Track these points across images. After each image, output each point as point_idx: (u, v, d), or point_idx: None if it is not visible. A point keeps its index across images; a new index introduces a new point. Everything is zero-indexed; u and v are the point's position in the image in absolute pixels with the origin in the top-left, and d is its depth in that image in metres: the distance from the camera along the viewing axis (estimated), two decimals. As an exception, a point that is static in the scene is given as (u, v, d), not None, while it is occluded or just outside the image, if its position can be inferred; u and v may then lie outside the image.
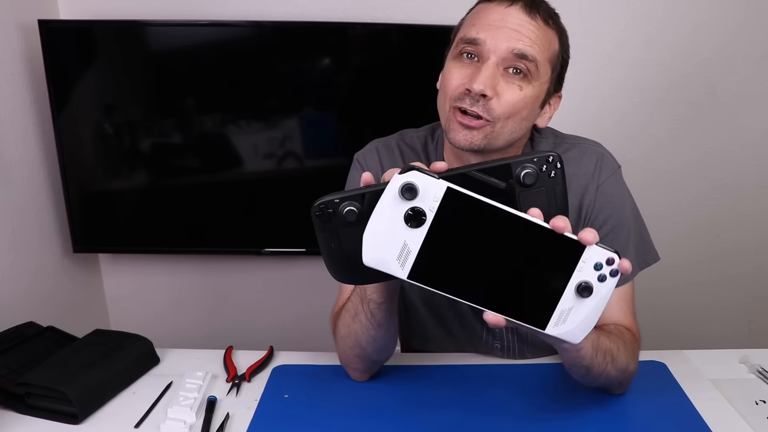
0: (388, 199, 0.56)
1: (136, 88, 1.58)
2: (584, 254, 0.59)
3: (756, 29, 1.58)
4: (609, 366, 0.82)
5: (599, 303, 0.60)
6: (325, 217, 0.62)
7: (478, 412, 0.90)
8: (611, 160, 0.97)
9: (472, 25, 0.85)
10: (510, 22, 0.82)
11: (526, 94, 0.84)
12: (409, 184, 0.56)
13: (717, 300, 1.82)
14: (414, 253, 0.57)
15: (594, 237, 0.58)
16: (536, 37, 0.83)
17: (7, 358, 0.98)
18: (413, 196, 0.56)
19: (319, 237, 0.63)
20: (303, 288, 1.82)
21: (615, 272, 0.59)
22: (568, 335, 0.62)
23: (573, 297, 0.60)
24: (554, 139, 0.98)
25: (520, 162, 0.62)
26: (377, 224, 0.57)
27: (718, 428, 0.86)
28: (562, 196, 0.63)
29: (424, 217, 0.56)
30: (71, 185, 1.59)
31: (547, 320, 0.61)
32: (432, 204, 0.56)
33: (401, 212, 0.56)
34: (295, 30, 1.52)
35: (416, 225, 0.56)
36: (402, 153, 1.00)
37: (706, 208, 1.74)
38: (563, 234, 0.58)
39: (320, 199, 0.62)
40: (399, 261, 0.58)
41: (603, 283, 0.60)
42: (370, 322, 0.84)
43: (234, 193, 1.65)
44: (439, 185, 0.56)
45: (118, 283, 1.84)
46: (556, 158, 0.63)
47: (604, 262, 0.59)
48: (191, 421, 0.88)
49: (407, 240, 0.57)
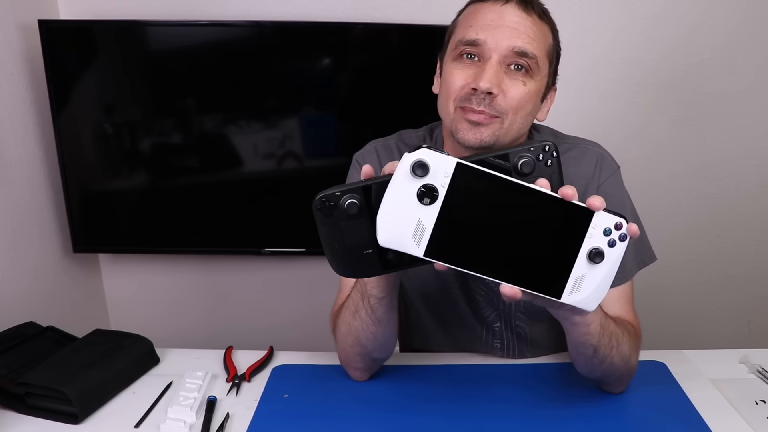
0: (400, 177, 0.57)
1: (136, 88, 1.58)
2: (593, 221, 0.61)
3: (756, 29, 1.58)
4: (614, 350, 0.82)
5: (611, 268, 0.62)
6: (326, 210, 0.62)
7: (478, 412, 0.90)
8: (611, 160, 0.97)
9: (469, 26, 0.85)
10: (507, 20, 0.83)
11: (530, 89, 0.85)
12: (420, 161, 0.57)
13: (717, 300, 1.82)
14: (429, 229, 0.58)
15: (601, 203, 0.60)
16: (534, 33, 0.84)
17: (7, 358, 0.98)
18: (425, 172, 0.57)
19: (321, 231, 0.64)
20: (303, 288, 1.82)
21: (624, 236, 0.62)
22: (582, 303, 0.63)
23: (585, 264, 0.62)
24: (554, 139, 0.98)
25: (517, 152, 0.64)
26: (390, 204, 0.58)
27: (718, 428, 0.86)
28: (558, 185, 0.65)
29: (437, 193, 0.57)
30: (71, 185, 1.59)
31: (562, 289, 0.62)
32: (443, 180, 0.57)
33: (414, 190, 0.57)
34: (295, 30, 1.52)
35: (429, 202, 0.57)
36: (400, 152, 1.00)
37: (706, 208, 1.74)
38: (572, 202, 0.60)
39: (321, 193, 0.62)
40: (414, 239, 0.59)
41: (613, 248, 0.62)
42: (370, 318, 0.84)
43: (234, 193, 1.65)
44: (449, 161, 0.57)
45: (118, 283, 1.84)
46: (552, 147, 0.64)
47: (613, 227, 0.61)
48: (191, 421, 0.88)
49: (421, 217, 0.58)
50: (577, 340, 0.81)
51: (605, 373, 0.88)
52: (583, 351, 0.82)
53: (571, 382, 0.96)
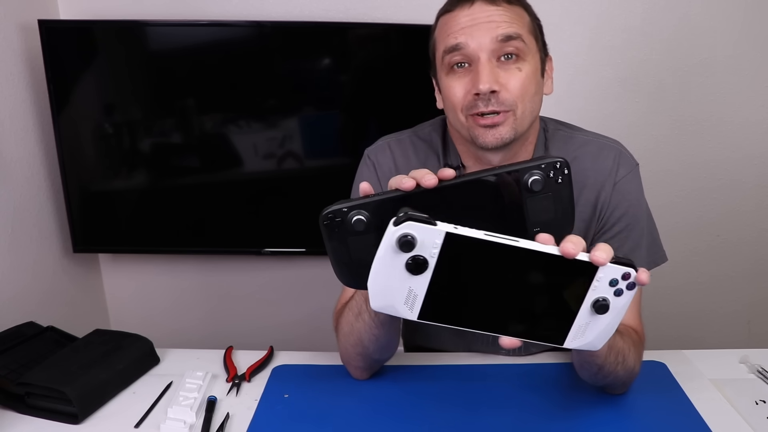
0: (386, 250, 0.54)
1: (136, 88, 1.58)
2: (598, 273, 0.56)
3: (756, 29, 1.58)
4: (619, 366, 0.82)
5: (617, 316, 0.59)
6: (333, 225, 0.61)
7: (479, 412, 0.90)
8: (629, 157, 0.97)
9: (446, 35, 0.86)
10: (480, 17, 0.84)
11: (527, 72, 0.85)
12: (405, 237, 0.53)
13: (717, 300, 1.82)
14: (421, 296, 0.56)
15: (607, 256, 0.55)
16: (509, 18, 0.85)
17: (7, 358, 0.98)
18: (411, 248, 0.54)
19: (328, 245, 0.63)
20: (303, 288, 1.82)
21: (632, 285, 0.57)
22: (587, 346, 0.60)
23: (589, 314, 0.58)
24: (568, 130, 0.98)
25: (528, 168, 0.62)
26: (379, 273, 0.56)
27: (718, 428, 0.85)
28: (568, 201, 0.63)
29: (426, 264, 0.54)
30: (71, 185, 1.59)
31: (564, 337, 0.60)
32: (432, 251, 0.54)
33: (402, 262, 0.55)
34: (295, 30, 1.52)
35: (419, 272, 0.55)
36: (415, 147, 1.00)
37: (706, 208, 1.74)
38: (575, 258, 0.56)
39: (328, 208, 0.61)
40: (407, 305, 0.57)
41: (620, 297, 0.58)
42: (373, 321, 0.84)
43: (234, 193, 1.65)
44: (437, 232, 0.53)
45: (118, 283, 1.84)
46: (564, 164, 0.62)
47: (620, 277, 0.57)
48: (191, 421, 0.87)
49: (412, 286, 0.56)
50: (583, 360, 0.81)
51: (608, 383, 0.89)
52: (588, 368, 0.83)
53: (573, 383, 0.96)
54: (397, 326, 0.89)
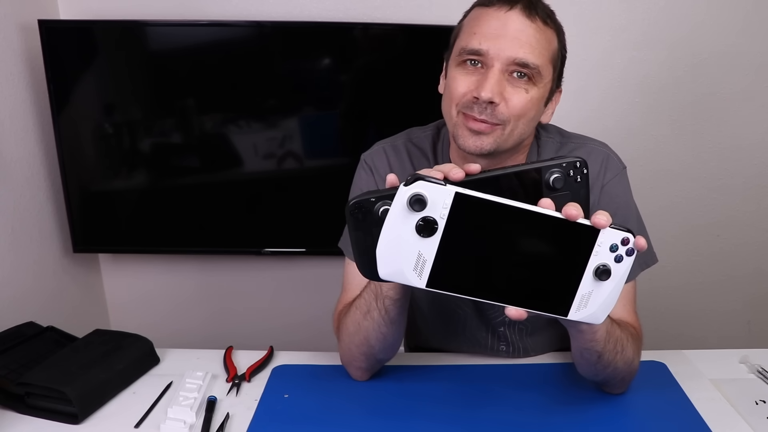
0: (396, 212, 0.56)
1: (136, 88, 1.58)
2: (599, 238, 0.59)
3: (756, 29, 1.58)
4: (618, 356, 0.83)
5: (618, 283, 0.61)
6: (360, 215, 0.62)
7: (478, 412, 0.90)
8: (617, 160, 0.97)
9: (473, 33, 0.85)
10: (511, 29, 0.82)
11: (533, 96, 0.85)
12: (417, 195, 0.55)
13: (717, 300, 1.82)
14: (430, 261, 0.57)
15: (607, 220, 0.58)
16: (537, 41, 0.83)
17: (7, 358, 0.98)
18: (422, 207, 0.55)
19: (352, 234, 0.64)
20: (303, 288, 1.82)
21: (631, 251, 0.60)
22: (590, 317, 0.63)
23: (592, 281, 0.60)
24: (560, 138, 0.98)
25: (549, 167, 0.64)
26: (389, 238, 0.57)
27: (718, 428, 0.86)
28: (585, 200, 0.65)
29: (436, 225, 0.56)
30: (71, 185, 1.59)
31: (569, 307, 0.62)
32: (442, 211, 0.55)
33: (412, 223, 0.56)
34: (295, 30, 1.52)
35: (429, 234, 0.56)
36: (410, 154, 1.00)
37: (706, 208, 1.74)
38: (577, 221, 0.58)
39: (355, 198, 0.62)
40: (416, 271, 0.58)
41: (620, 264, 0.60)
42: (383, 319, 0.84)
43: (234, 193, 1.65)
44: (447, 192, 0.55)
45: (118, 283, 1.84)
46: (583, 164, 0.65)
47: (620, 242, 0.59)
48: (191, 421, 0.88)
49: (421, 250, 0.57)
50: (582, 347, 0.81)
51: (608, 377, 0.88)
52: (588, 357, 0.82)
53: (573, 383, 0.96)
54: (404, 325, 0.89)
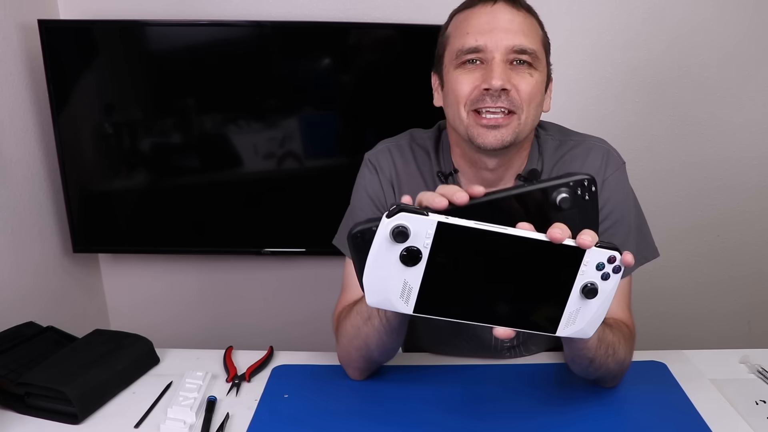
0: (380, 242, 0.56)
1: (136, 88, 1.58)
2: (585, 257, 0.59)
3: (756, 29, 1.58)
4: (610, 359, 0.83)
5: (606, 300, 0.61)
6: (363, 243, 0.61)
7: (478, 412, 0.90)
8: (617, 156, 0.98)
9: (465, 34, 0.86)
10: (501, 21, 0.85)
11: (537, 79, 0.86)
12: (399, 227, 0.55)
13: (717, 300, 1.82)
14: (416, 289, 0.58)
15: (592, 240, 0.58)
16: (528, 28, 0.86)
17: (7, 358, 0.98)
18: (405, 238, 0.55)
19: (355, 259, 0.63)
20: (303, 288, 1.82)
21: (618, 269, 0.60)
22: (579, 333, 0.62)
23: (579, 299, 0.60)
24: (560, 136, 0.98)
25: (556, 186, 0.63)
26: (374, 268, 0.57)
27: (718, 428, 0.85)
28: (593, 217, 0.64)
29: (420, 255, 0.56)
30: (71, 185, 1.59)
31: (557, 324, 0.61)
32: (425, 241, 0.56)
33: (396, 253, 0.56)
34: (295, 30, 1.52)
35: (413, 264, 0.56)
36: (414, 153, 1.00)
37: (706, 208, 1.74)
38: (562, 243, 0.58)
39: (358, 227, 0.62)
40: (402, 298, 0.58)
41: (607, 281, 0.60)
42: (384, 327, 0.84)
43: (234, 193, 1.65)
44: (429, 222, 0.55)
45: (118, 283, 1.84)
46: (591, 181, 0.64)
47: (606, 261, 0.59)
48: (191, 421, 0.87)
49: (407, 278, 0.57)
50: (574, 354, 0.81)
51: (600, 376, 0.90)
52: (579, 362, 0.83)
53: (571, 382, 0.96)
54: (404, 332, 0.89)
